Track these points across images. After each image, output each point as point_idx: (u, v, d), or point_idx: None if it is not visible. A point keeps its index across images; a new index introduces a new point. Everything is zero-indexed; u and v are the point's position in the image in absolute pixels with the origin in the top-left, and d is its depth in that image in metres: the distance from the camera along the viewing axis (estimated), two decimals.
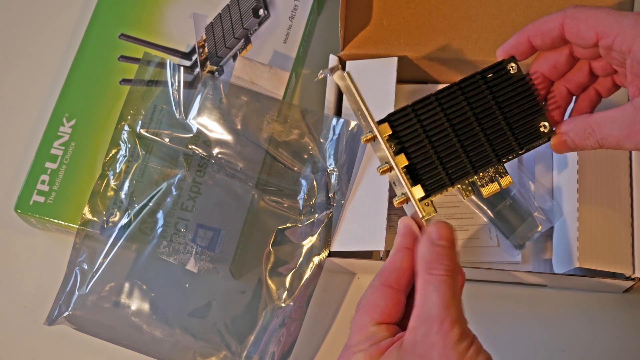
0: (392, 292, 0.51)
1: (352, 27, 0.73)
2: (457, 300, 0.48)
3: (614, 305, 0.70)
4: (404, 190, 0.52)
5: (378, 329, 0.50)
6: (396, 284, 0.51)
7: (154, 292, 0.67)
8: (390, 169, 0.52)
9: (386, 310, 0.51)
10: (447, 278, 0.48)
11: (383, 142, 0.52)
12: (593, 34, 0.53)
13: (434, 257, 0.49)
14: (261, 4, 0.76)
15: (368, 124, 0.53)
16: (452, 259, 0.50)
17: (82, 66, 0.75)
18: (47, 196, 0.70)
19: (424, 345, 0.47)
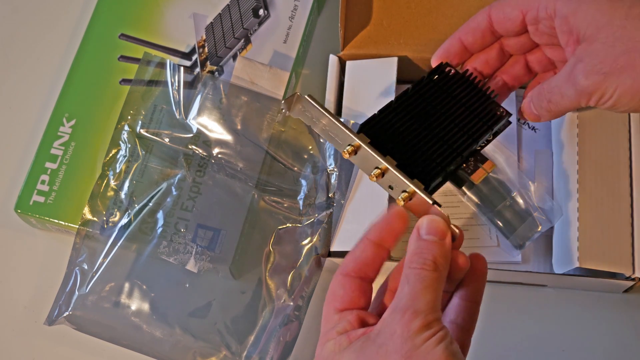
0: (350, 280, 0.51)
1: (352, 27, 0.73)
2: (430, 292, 0.48)
3: (614, 305, 0.70)
4: (405, 186, 0.52)
5: (340, 316, 0.51)
6: (353, 272, 0.51)
7: (154, 292, 0.67)
8: (382, 173, 0.52)
9: (346, 297, 0.51)
10: (422, 271, 0.48)
11: (369, 148, 0.52)
12: (518, 12, 0.57)
13: (415, 252, 0.49)
14: (261, 4, 0.76)
15: (346, 138, 0.53)
16: (435, 253, 0.49)
17: (82, 66, 0.75)
18: (47, 196, 0.70)
19: (385, 334, 0.47)
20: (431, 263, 0.48)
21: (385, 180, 0.53)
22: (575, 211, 0.65)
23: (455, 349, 0.47)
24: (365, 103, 0.70)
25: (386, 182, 0.53)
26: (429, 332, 0.47)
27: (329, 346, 0.50)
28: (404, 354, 0.46)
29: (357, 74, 0.72)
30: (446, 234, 0.50)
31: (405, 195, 0.52)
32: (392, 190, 0.53)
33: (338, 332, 0.50)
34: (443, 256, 0.49)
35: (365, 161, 0.53)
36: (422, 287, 0.48)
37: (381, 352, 0.47)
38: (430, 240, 0.50)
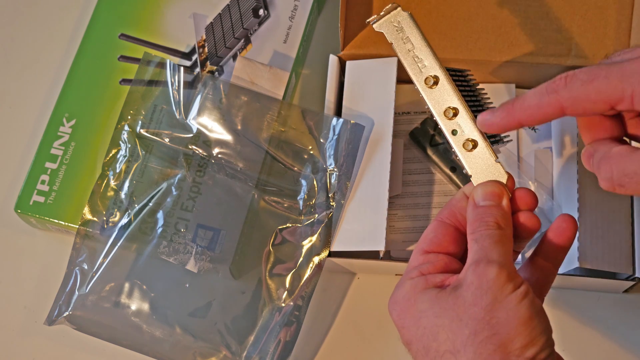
0: (443, 225, 0.51)
1: (352, 27, 0.73)
2: (500, 245, 0.47)
3: (614, 305, 0.70)
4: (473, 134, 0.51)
5: (426, 257, 0.50)
6: (448, 218, 0.51)
7: (154, 292, 0.67)
8: (454, 114, 0.52)
9: (435, 239, 0.50)
10: (487, 231, 0.48)
11: (452, 86, 0.52)
12: (604, 105, 0.47)
13: (475, 218, 0.49)
14: (261, 4, 0.76)
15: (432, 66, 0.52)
16: (495, 215, 0.49)
17: (82, 66, 0.75)
18: (47, 196, 0.70)
19: (462, 287, 0.46)
20: (494, 224, 0.48)
21: (453, 124, 0.52)
22: (575, 211, 0.65)
23: (538, 305, 0.46)
24: (365, 103, 0.70)
25: (452, 126, 0.52)
26: (511, 286, 0.45)
27: (406, 286, 0.49)
28: (484, 307, 0.45)
29: (357, 74, 0.72)
30: (502, 196, 0.50)
31: (471, 142, 0.51)
32: (455, 136, 0.52)
33: (419, 273, 0.49)
34: (504, 217, 0.49)
35: (439, 98, 0.53)
36: (491, 242, 0.47)
37: (458, 303, 0.46)
38: (488, 205, 0.49)
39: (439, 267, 0.50)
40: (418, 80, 0.53)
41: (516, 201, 0.51)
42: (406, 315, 0.48)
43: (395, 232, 0.70)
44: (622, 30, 0.70)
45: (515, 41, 0.71)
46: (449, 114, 0.52)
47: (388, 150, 0.68)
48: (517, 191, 0.51)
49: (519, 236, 0.50)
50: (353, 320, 0.71)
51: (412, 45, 0.53)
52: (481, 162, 0.52)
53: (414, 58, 0.53)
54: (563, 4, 0.71)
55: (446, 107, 0.52)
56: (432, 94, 0.53)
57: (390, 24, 0.54)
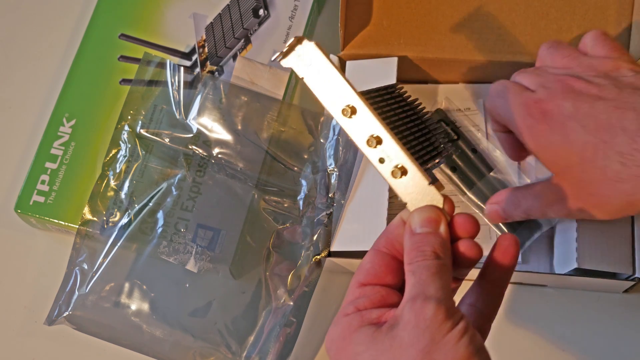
0: (379, 254, 0.48)
1: (352, 27, 0.73)
2: (438, 278, 0.45)
3: (614, 305, 0.70)
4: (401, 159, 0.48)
5: (362, 290, 0.48)
6: (385, 247, 0.49)
7: (154, 292, 0.67)
8: (378, 141, 0.48)
9: (371, 270, 0.48)
10: (424, 262, 0.45)
11: (371, 111, 0.48)
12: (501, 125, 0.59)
13: (412, 247, 0.46)
14: (261, 4, 0.76)
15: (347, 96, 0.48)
16: (433, 243, 0.46)
17: (82, 66, 0.75)
18: (47, 196, 0.70)
19: (398, 326, 0.44)
20: (431, 253, 0.46)
21: (378, 152, 0.48)
22: None
23: (479, 343, 0.43)
24: None
25: (378, 154, 0.48)
26: (449, 324, 0.43)
27: (342, 323, 0.46)
28: (422, 349, 0.42)
29: (357, 74, 0.72)
30: (440, 222, 0.47)
31: (400, 168, 0.48)
32: (383, 164, 0.48)
33: (354, 309, 0.47)
34: (442, 245, 0.46)
35: (361, 126, 0.48)
36: (428, 275, 0.45)
37: (395, 344, 0.43)
38: (425, 233, 0.47)
39: (375, 302, 0.47)
40: (335, 113, 0.49)
41: (456, 228, 0.48)
42: (342, 356, 0.46)
43: None
44: (622, 30, 0.70)
45: (515, 41, 0.71)
46: (372, 142, 0.48)
47: None
48: (456, 217, 0.48)
49: (460, 265, 0.48)
50: None
51: (322, 75, 0.49)
52: (415, 187, 0.48)
53: (325, 89, 0.49)
54: (563, 4, 0.71)
55: (368, 135, 0.48)
56: (351, 125, 0.49)
57: (298, 58, 0.50)
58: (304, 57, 0.49)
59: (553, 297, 0.70)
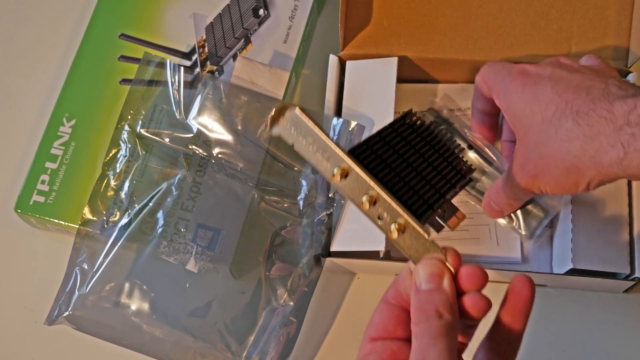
0: (389, 307, 0.48)
1: (352, 27, 0.73)
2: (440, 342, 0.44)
3: (614, 305, 0.70)
4: (397, 216, 0.48)
5: (373, 346, 0.47)
6: (393, 298, 0.49)
7: (154, 292, 0.67)
8: (373, 201, 0.48)
9: (380, 324, 0.48)
10: (426, 324, 0.45)
11: (362, 170, 0.48)
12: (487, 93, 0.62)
13: (416, 306, 0.46)
14: (261, 4, 0.76)
15: (336, 158, 0.48)
16: (436, 302, 0.45)
17: (82, 66, 0.75)
18: (47, 196, 0.70)
19: None
20: (433, 313, 0.45)
21: (375, 210, 0.48)
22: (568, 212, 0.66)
23: None
24: (365, 103, 0.70)
25: (375, 213, 0.48)
26: None
27: None
28: None
29: (357, 74, 0.72)
30: (443, 276, 0.46)
31: (397, 227, 0.47)
32: (381, 222, 0.48)
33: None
34: (445, 302, 0.45)
35: (355, 187, 0.48)
36: (430, 339, 0.44)
37: None
38: (428, 290, 0.46)
39: (385, 358, 0.47)
40: (328, 176, 0.48)
41: (462, 281, 0.47)
42: None
43: None
44: (622, 30, 0.70)
45: (515, 41, 0.71)
46: (368, 202, 0.48)
47: None
48: (462, 270, 0.47)
49: (468, 318, 0.47)
50: (353, 320, 0.71)
51: (310, 141, 0.49)
52: (415, 243, 0.48)
53: (316, 154, 0.49)
54: (563, 4, 0.71)
55: (364, 195, 0.48)
56: (346, 186, 0.48)
57: (284, 126, 0.49)
58: (289, 124, 0.49)
59: (553, 297, 0.70)
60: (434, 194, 0.51)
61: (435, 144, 0.54)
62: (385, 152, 0.51)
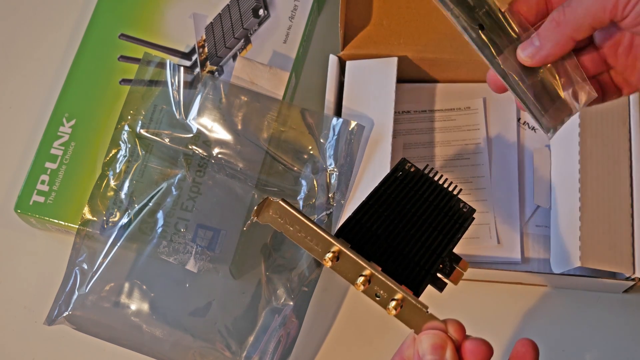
0: None
1: (352, 27, 0.73)
2: None
3: (614, 305, 0.70)
4: (394, 293, 0.48)
5: None
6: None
7: (153, 292, 0.67)
8: (368, 280, 0.48)
9: None
10: None
11: (351, 253, 0.48)
12: None
13: None
14: (261, 4, 0.76)
15: (325, 243, 0.49)
16: None
17: (82, 66, 0.75)
18: (47, 196, 0.70)
19: None
20: None
21: (372, 289, 0.48)
22: (577, 211, 0.65)
23: None
24: (365, 103, 0.70)
25: (373, 291, 0.49)
26: None
27: None
28: None
29: (357, 74, 0.72)
30: (446, 347, 0.47)
31: (395, 303, 0.48)
32: (380, 299, 0.48)
33: None
34: None
35: (349, 268, 0.49)
36: None
37: None
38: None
39: None
40: (321, 261, 0.49)
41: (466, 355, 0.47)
42: None
43: None
44: None
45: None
46: (364, 283, 0.48)
47: (388, 150, 0.68)
48: (467, 344, 0.47)
49: None
50: (353, 320, 0.71)
51: (298, 229, 0.50)
52: (416, 316, 0.48)
53: (306, 241, 0.50)
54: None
55: (358, 276, 0.48)
56: (341, 268, 0.49)
57: (270, 216, 0.50)
58: (275, 214, 0.50)
59: (553, 297, 0.70)
60: (430, 256, 0.51)
61: (430, 194, 0.54)
62: (375, 223, 0.51)
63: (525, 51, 0.52)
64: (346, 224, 0.51)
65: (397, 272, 0.49)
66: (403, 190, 0.54)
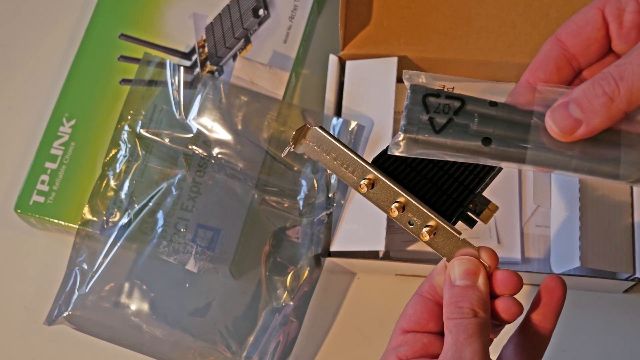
0: (422, 300, 0.48)
1: (352, 27, 0.73)
2: (475, 340, 0.44)
3: (614, 305, 0.70)
4: (428, 219, 0.48)
5: (404, 338, 0.48)
6: (428, 292, 0.49)
7: (153, 292, 0.67)
8: (402, 207, 0.49)
9: (414, 317, 0.48)
10: (462, 320, 0.45)
11: (388, 180, 0.49)
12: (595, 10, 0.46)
13: (450, 301, 0.46)
14: (261, 4, 0.76)
15: (361, 170, 0.49)
16: (471, 299, 0.45)
17: (82, 66, 0.75)
18: (47, 196, 0.70)
19: None
20: (469, 311, 0.45)
21: (405, 216, 0.49)
22: (577, 211, 0.65)
23: None
24: (365, 103, 0.70)
25: (406, 219, 0.49)
26: None
27: None
28: None
29: (357, 74, 0.72)
30: (479, 274, 0.46)
31: (429, 229, 0.48)
32: (413, 227, 0.49)
33: (396, 358, 0.47)
34: (480, 300, 0.45)
35: (383, 195, 0.49)
36: (465, 337, 0.44)
37: None
38: (463, 286, 0.46)
39: (417, 351, 0.47)
40: (356, 188, 0.49)
41: (496, 285, 0.47)
42: None
43: (395, 232, 0.70)
44: None
45: (515, 41, 0.71)
46: (398, 209, 0.49)
47: None
48: (498, 274, 0.47)
49: (496, 322, 0.47)
50: (353, 320, 0.71)
51: (334, 156, 0.50)
52: (449, 243, 0.48)
53: (342, 168, 0.50)
54: (563, 4, 0.71)
55: (392, 203, 0.49)
56: (374, 196, 0.49)
57: (307, 144, 0.50)
58: (312, 142, 0.50)
59: None
60: (462, 191, 0.51)
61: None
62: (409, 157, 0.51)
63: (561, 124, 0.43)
64: (382, 154, 0.51)
65: (431, 202, 0.50)
66: None
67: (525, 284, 0.70)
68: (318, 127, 0.50)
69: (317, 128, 0.50)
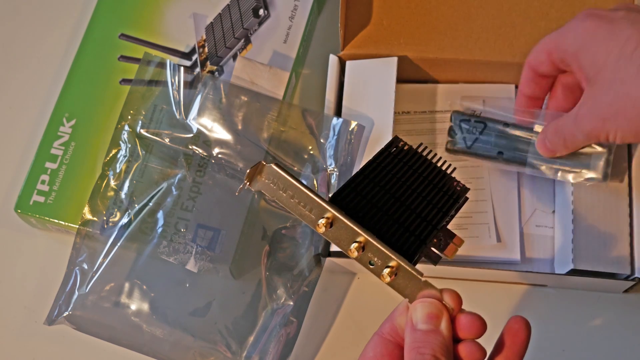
0: (382, 341, 0.48)
1: (352, 27, 0.73)
2: None
3: (614, 305, 0.70)
4: (388, 260, 0.47)
5: None
6: (388, 334, 0.48)
7: (154, 292, 0.67)
8: (362, 246, 0.47)
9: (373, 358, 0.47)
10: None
11: (346, 219, 0.47)
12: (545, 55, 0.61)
13: (412, 346, 0.45)
14: (261, 4, 0.76)
15: (319, 209, 0.47)
16: (433, 345, 0.44)
17: (82, 66, 0.75)
18: (47, 196, 0.70)
19: None
20: (431, 357, 0.44)
21: (365, 256, 0.47)
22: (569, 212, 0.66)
23: None
24: (365, 103, 0.70)
25: (366, 259, 0.47)
26: None
27: None
28: None
29: (357, 74, 0.72)
30: (441, 318, 0.45)
31: (389, 270, 0.46)
32: (373, 267, 0.47)
33: None
34: (442, 346, 0.45)
35: (342, 235, 0.47)
36: None
37: None
38: (426, 330, 0.45)
39: None
40: (314, 227, 0.48)
41: (459, 329, 0.46)
42: None
43: None
44: None
45: (515, 41, 0.71)
46: (358, 249, 0.47)
47: None
48: (462, 317, 0.46)
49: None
50: (353, 320, 0.71)
51: (292, 193, 0.48)
52: (411, 284, 0.47)
53: (299, 207, 0.48)
54: (563, 4, 0.71)
55: (352, 242, 0.47)
56: (334, 235, 0.47)
57: (263, 181, 0.48)
58: (267, 179, 0.49)
59: (553, 297, 0.70)
60: (425, 227, 0.50)
61: (423, 170, 0.53)
62: (370, 192, 0.50)
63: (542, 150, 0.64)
64: (340, 191, 0.49)
65: (392, 240, 0.48)
66: (397, 165, 0.53)
67: (525, 284, 0.71)
68: (274, 164, 0.48)
69: (272, 165, 0.48)
